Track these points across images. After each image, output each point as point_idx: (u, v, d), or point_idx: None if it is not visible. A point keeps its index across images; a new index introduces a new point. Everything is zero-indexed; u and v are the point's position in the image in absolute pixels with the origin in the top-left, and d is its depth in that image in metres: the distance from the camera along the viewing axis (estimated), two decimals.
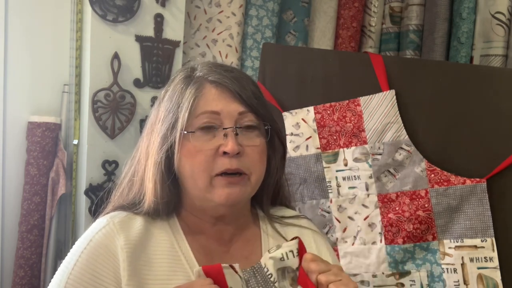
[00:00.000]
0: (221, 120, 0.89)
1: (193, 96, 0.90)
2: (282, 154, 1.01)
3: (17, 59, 1.70)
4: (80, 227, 1.76)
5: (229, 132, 0.88)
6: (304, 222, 1.07)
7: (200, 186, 0.89)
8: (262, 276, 0.86)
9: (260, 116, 0.93)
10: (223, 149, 0.87)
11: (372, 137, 1.47)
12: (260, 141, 0.93)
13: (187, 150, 0.89)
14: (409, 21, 2.26)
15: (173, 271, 0.88)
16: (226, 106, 0.90)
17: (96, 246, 0.86)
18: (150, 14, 1.80)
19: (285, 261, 0.85)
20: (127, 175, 0.98)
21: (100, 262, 0.85)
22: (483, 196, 1.39)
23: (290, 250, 0.86)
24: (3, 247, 1.71)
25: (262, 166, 0.94)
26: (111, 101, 1.74)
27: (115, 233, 0.87)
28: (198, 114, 0.89)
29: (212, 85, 0.91)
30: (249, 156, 0.90)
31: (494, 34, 2.07)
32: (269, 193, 1.02)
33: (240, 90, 0.91)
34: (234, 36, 2.04)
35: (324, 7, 2.26)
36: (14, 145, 1.71)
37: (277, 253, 0.85)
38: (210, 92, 0.91)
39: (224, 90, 0.91)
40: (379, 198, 1.48)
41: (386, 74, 1.46)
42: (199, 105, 0.90)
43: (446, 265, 1.42)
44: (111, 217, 0.90)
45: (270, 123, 0.95)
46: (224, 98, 0.90)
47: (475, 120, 1.42)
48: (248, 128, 0.91)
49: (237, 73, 0.95)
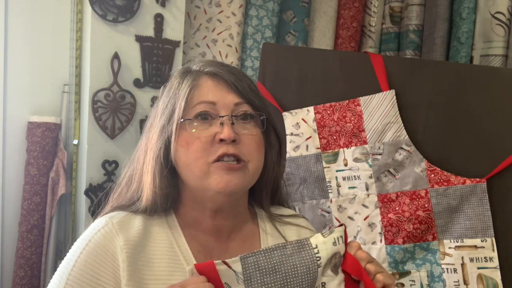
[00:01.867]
0: (217, 110, 0.90)
1: (189, 87, 0.91)
2: (278, 149, 1.01)
3: (17, 59, 1.70)
4: (80, 227, 1.76)
5: (225, 120, 0.89)
6: (302, 221, 1.08)
7: (197, 174, 0.89)
8: (308, 253, 0.84)
9: (256, 107, 0.93)
10: (219, 137, 0.88)
11: (372, 137, 1.47)
12: (257, 131, 0.93)
13: (183, 138, 0.89)
14: (409, 21, 2.26)
15: (172, 271, 0.88)
16: (222, 97, 0.91)
17: (95, 247, 0.86)
18: (150, 14, 1.80)
19: (337, 246, 0.85)
20: (125, 176, 0.98)
21: (99, 262, 0.85)
22: (483, 196, 1.39)
23: (340, 235, 0.86)
24: (3, 247, 1.71)
25: (260, 155, 0.94)
26: (111, 101, 1.74)
27: (114, 233, 0.87)
28: (194, 104, 0.90)
29: (208, 76, 0.92)
30: (245, 144, 0.90)
31: (494, 34, 2.07)
32: (268, 189, 1.02)
33: (236, 82, 0.92)
34: (234, 36, 2.04)
35: (324, 7, 2.26)
36: (14, 145, 1.71)
37: (330, 238, 0.85)
38: (206, 83, 0.92)
39: (220, 82, 0.92)
40: (379, 198, 1.48)
41: (386, 74, 1.46)
42: (195, 95, 0.91)
43: (446, 265, 1.42)
44: (110, 217, 0.90)
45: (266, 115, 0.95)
46: (220, 90, 0.91)
47: (475, 120, 1.42)
48: (245, 119, 0.92)
49: (232, 67, 0.97)
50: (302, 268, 0.83)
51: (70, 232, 1.77)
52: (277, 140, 1.00)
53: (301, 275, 0.82)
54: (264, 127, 0.95)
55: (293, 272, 0.82)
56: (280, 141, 1.01)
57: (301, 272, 0.82)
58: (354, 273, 0.85)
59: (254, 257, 0.81)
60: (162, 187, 0.91)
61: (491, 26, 2.07)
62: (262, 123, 0.94)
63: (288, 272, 0.82)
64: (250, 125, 0.92)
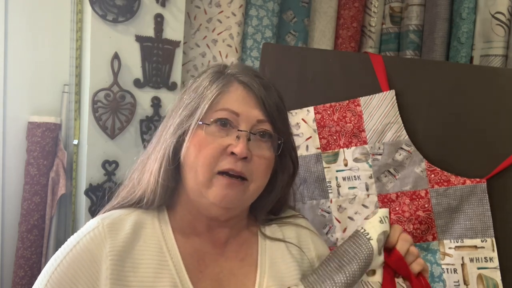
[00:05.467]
0: (239, 121, 0.89)
1: (218, 90, 0.90)
2: (292, 173, 0.99)
3: (17, 59, 1.70)
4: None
5: (242, 135, 0.87)
6: (302, 221, 1.07)
7: (201, 179, 0.88)
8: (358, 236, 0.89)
9: (277, 128, 0.92)
10: (231, 149, 0.87)
11: (372, 137, 1.47)
12: (270, 155, 0.92)
13: (197, 140, 0.88)
14: (409, 21, 2.26)
15: (159, 277, 0.86)
16: (247, 110, 0.89)
17: (81, 251, 0.85)
18: (150, 14, 1.80)
19: (384, 224, 0.89)
20: (133, 172, 0.97)
21: (81, 269, 0.84)
22: (483, 196, 1.39)
23: (385, 215, 0.90)
24: (3, 247, 1.71)
25: (265, 179, 0.93)
26: (111, 101, 1.74)
27: (102, 237, 0.86)
28: (218, 109, 0.89)
29: (240, 85, 0.91)
30: (255, 165, 0.89)
31: (494, 34, 2.07)
32: (267, 208, 1.01)
33: (265, 98, 0.90)
34: (234, 36, 2.04)
35: (324, 7, 2.26)
36: (14, 145, 1.71)
37: (375, 218, 0.90)
38: (236, 92, 0.90)
39: (250, 94, 0.90)
40: (379, 198, 1.48)
41: (386, 74, 1.46)
42: (221, 100, 0.89)
43: (446, 265, 1.42)
44: (102, 219, 0.90)
45: (284, 139, 0.94)
46: (248, 102, 0.90)
47: (475, 120, 1.42)
48: (263, 137, 0.90)
49: (266, 81, 0.95)
50: (353, 247, 0.87)
51: (70, 232, 1.77)
52: (292, 164, 0.99)
53: (353, 251, 0.87)
54: (278, 152, 0.93)
55: (345, 254, 0.88)
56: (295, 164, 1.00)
57: (353, 250, 0.87)
58: (398, 270, 0.87)
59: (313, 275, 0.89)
60: (165, 178, 0.90)
61: (491, 26, 2.07)
62: (278, 146, 0.93)
63: (341, 254, 0.88)
64: (265, 146, 0.91)
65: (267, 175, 0.93)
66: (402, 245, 0.88)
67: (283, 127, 0.94)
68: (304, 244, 1.02)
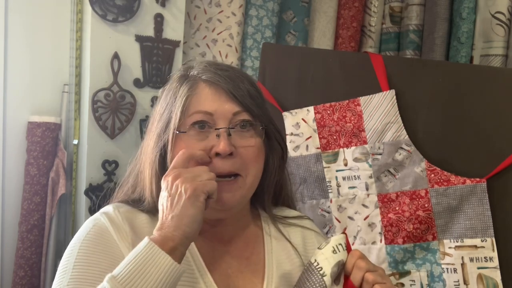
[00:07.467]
0: (215, 120, 0.87)
1: (185, 95, 0.88)
2: (281, 154, 0.99)
3: (17, 59, 1.70)
4: (80, 227, 1.76)
5: (221, 132, 0.86)
6: (307, 223, 1.06)
7: None
8: (313, 272, 0.84)
9: (255, 115, 0.90)
10: (215, 150, 0.85)
11: (372, 137, 1.47)
12: (256, 141, 0.90)
13: (179, 149, 0.86)
14: (409, 21, 2.26)
15: None
16: (220, 107, 0.88)
17: (102, 225, 0.86)
18: (150, 14, 1.80)
19: (337, 254, 0.84)
20: (130, 174, 0.97)
21: (106, 237, 0.84)
22: (483, 196, 1.39)
23: (339, 243, 0.85)
24: (3, 247, 1.71)
25: (258, 166, 0.92)
26: (111, 101, 1.74)
27: (120, 220, 0.86)
28: (191, 113, 0.88)
29: (206, 84, 0.89)
30: (242, 157, 0.88)
31: (494, 34, 2.07)
32: (270, 193, 1.01)
33: (234, 90, 0.89)
34: (234, 36, 2.04)
35: (324, 7, 2.26)
36: (14, 145, 1.71)
37: (328, 247, 0.84)
38: (203, 92, 0.89)
39: (218, 90, 0.89)
40: (379, 198, 1.48)
41: (386, 74, 1.46)
42: (192, 104, 0.88)
43: (446, 265, 1.42)
44: (116, 206, 0.90)
45: (266, 123, 0.93)
46: (218, 98, 0.88)
47: (475, 120, 1.42)
48: (243, 128, 0.89)
49: (232, 72, 0.93)
50: (307, 285, 0.83)
51: (70, 232, 1.77)
52: (279, 145, 0.98)
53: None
54: (263, 136, 0.92)
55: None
56: (282, 145, 0.99)
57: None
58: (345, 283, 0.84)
59: None
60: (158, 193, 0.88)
61: (491, 26, 2.07)
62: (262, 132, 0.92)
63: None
64: (249, 134, 0.90)
65: (259, 162, 0.92)
66: (355, 274, 0.83)
67: (261, 112, 0.92)
68: (310, 246, 1.02)
